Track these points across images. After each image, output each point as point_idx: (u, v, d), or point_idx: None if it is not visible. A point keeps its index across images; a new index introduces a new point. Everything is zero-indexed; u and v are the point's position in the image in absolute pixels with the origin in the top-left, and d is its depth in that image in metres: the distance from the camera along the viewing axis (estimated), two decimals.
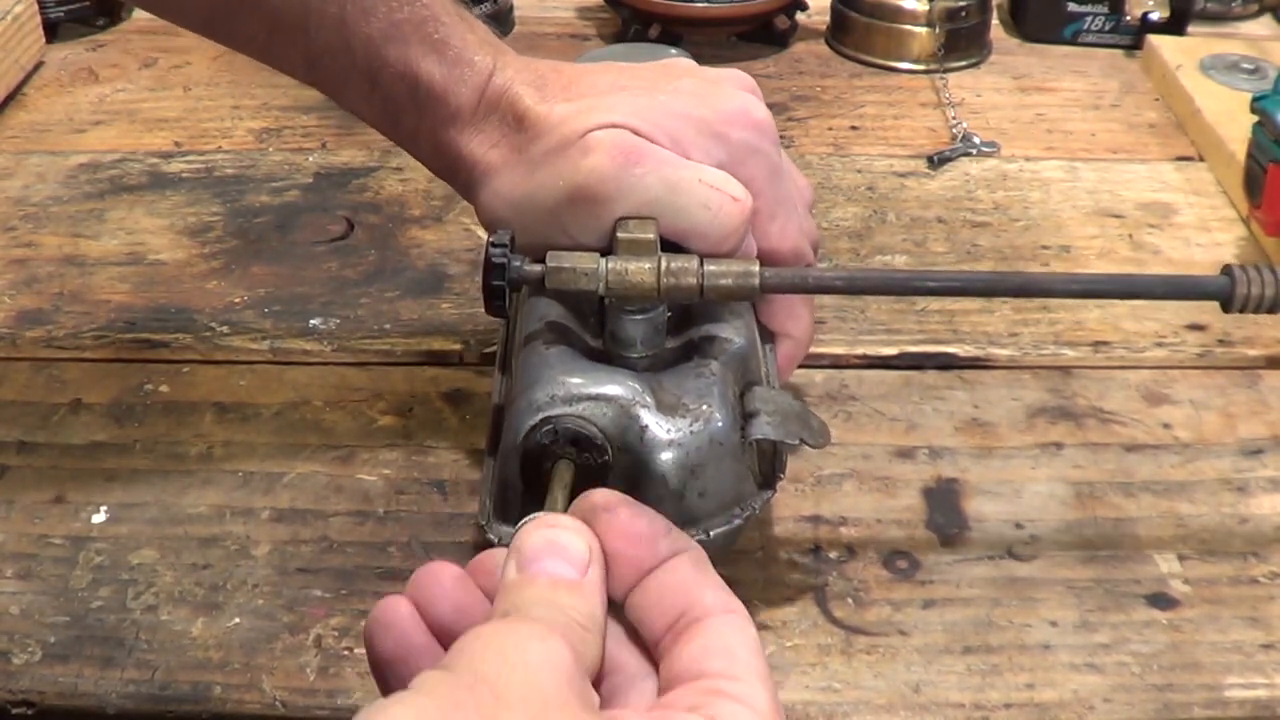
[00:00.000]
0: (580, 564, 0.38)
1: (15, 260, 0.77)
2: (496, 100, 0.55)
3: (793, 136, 0.91)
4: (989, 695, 0.51)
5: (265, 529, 0.59)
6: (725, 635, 0.37)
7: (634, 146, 0.52)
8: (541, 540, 0.38)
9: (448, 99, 0.55)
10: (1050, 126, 0.93)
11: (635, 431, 0.48)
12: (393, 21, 0.55)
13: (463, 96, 0.55)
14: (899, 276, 0.55)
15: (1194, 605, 0.55)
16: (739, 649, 0.36)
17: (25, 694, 0.51)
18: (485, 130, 0.56)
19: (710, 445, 0.49)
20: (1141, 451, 0.64)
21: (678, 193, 0.52)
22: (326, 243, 0.79)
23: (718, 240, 0.52)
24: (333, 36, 0.55)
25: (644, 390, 0.49)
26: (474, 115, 0.56)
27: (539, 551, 0.38)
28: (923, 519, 0.60)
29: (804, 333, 0.59)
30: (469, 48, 0.56)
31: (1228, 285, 0.51)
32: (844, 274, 0.50)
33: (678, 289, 0.50)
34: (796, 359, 0.60)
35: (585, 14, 1.09)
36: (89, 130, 0.91)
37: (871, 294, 0.52)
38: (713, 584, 0.38)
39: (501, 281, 0.50)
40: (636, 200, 0.52)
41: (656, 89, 0.55)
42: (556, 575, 0.37)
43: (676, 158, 0.52)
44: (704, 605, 0.37)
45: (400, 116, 0.57)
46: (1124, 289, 0.53)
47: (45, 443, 0.63)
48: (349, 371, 0.68)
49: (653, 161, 0.52)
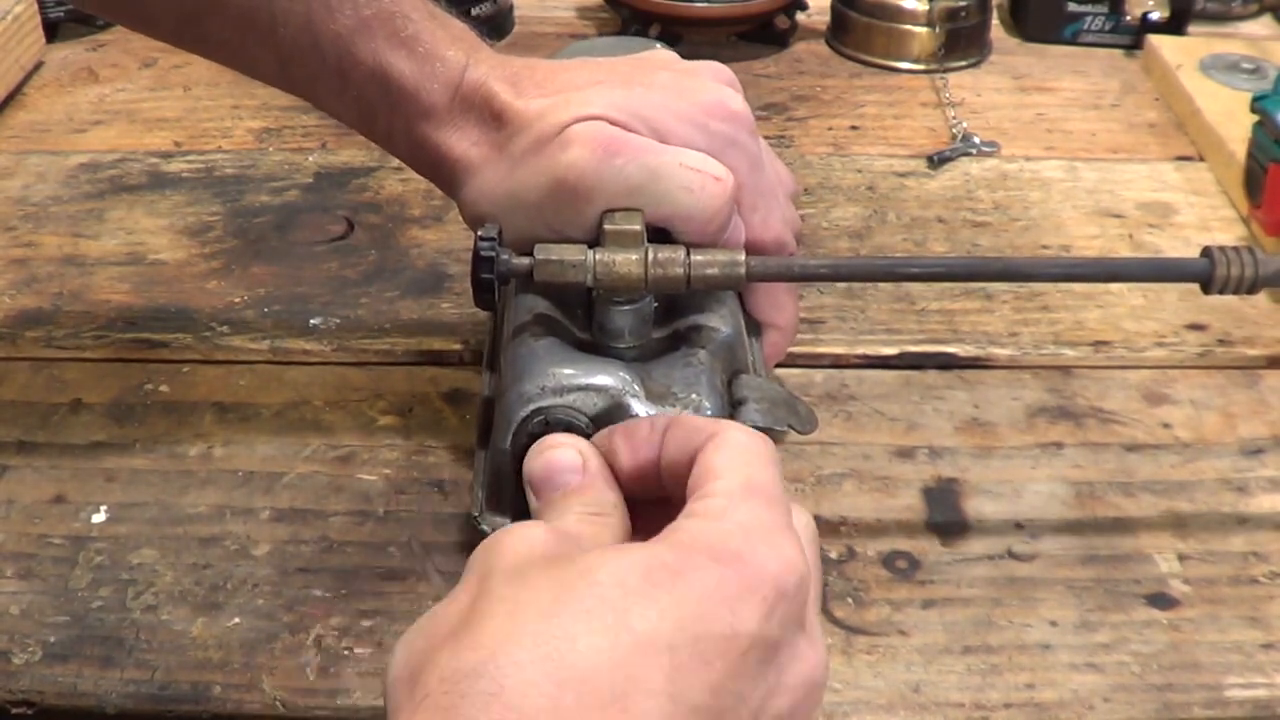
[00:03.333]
0: (576, 468, 0.44)
1: (15, 260, 0.77)
2: (472, 96, 0.55)
3: (793, 136, 0.91)
4: (989, 695, 0.51)
5: (265, 529, 0.59)
6: (706, 460, 0.41)
7: (613, 137, 0.52)
8: (541, 466, 0.45)
9: (420, 96, 0.55)
10: (1050, 126, 0.93)
11: (624, 421, 0.49)
12: (360, 19, 0.54)
13: (435, 93, 0.55)
14: (882, 262, 0.55)
15: (1194, 605, 0.55)
16: (715, 465, 0.40)
17: (25, 694, 0.51)
18: (463, 127, 0.55)
19: None
20: (1141, 451, 0.64)
21: (659, 178, 0.52)
22: (326, 243, 0.79)
23: (703, 222, 0.52)
24: (301, 35, 0.55)
25: (633, 380, 0.50)
26: (449, 112, 0.55)
27: (542, 474, 0.45)
28: (923, 519, 0.60)
29: (789, 322, 0.60)
30: (440, 44, 0.55)
31: (1207, 267, 0.51)
32: (829, 261, 0.50)
33: (664, 279, 0.50)
34: (783, 348, 0.61)
35: (585, 14, 1.09)
36: (89, 130, 0.91)
37: (855, 280, 0.52)
38: (701, 423, 0.43)
39: (490, 274, 0.51)
40: (618, 190, 0.52)
41: (633, 81, 0.55)
42: (562, 485, 0.44)
43: (655, 144, 0.52)
44: (697, 443, 0.42)
45: (375, 115, 0.57)
46: (1105, 272, 0.53)
47: (45, 443, 0.63)
48: (349, 371, 0.68)
49: (632, 150, 0.52)
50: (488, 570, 0.38)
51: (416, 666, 0.36)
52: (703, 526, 0.38)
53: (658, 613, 0.35)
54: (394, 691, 0.36)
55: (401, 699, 0.35)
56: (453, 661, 0.34)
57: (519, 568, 0.37)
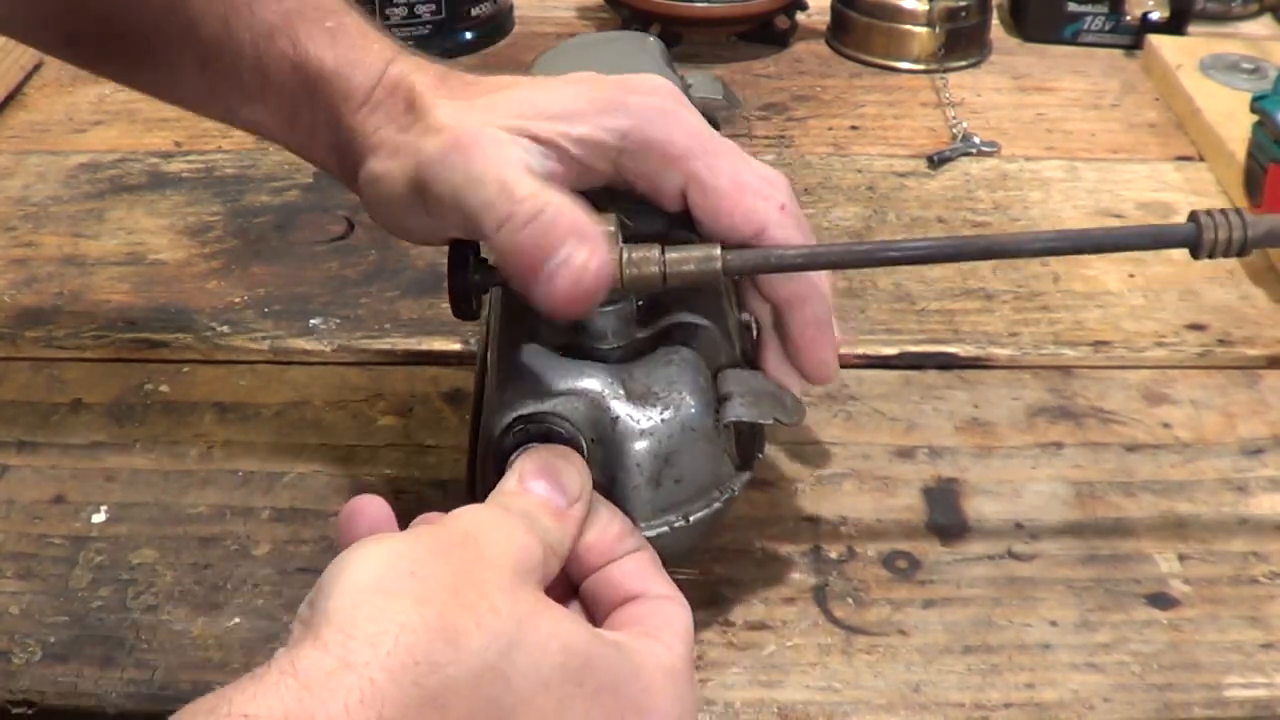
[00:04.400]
0: (571, 496, 0.44)
1: (15, 260, 0.77)
2: (394, 87, 0.52)
3: (793, 136, 0.91)
4: (989, 695, 0.51)
5: (265, 529, 0.59)
6: (667, 611, 0.42)
7: (466, 133, 0.48)
8: (543, 464, 0.44)
9: (340, 80, 0.52)
10: (1050, 126, 0.93)
11: (607, 423, 0.49)
12: (281, 12, 0.53)
13: (356, 80, 0.52)
14: (861, 248, 0.54)
15: (1194, 605, 0.55)
16: (675, 623, 0.42)
17: (25, 694, 0.51)
18: (379, 112, 0.52)
19: (683, 432, 0.49)
20: (1141, 451, 0.64)
21: (477, 187, 0.47)
22: (326, 243, 0.79)
23: (499, 250, 0.47)
24: (220, 32, 0.53)
25: (614, 382, 0.49)
26: (369, 97, 0.52)
27: (538, 472, 0.44)
28: (923, 519, 0.60)
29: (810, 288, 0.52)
30: (365, 36, 0.53)
31: (1194, 231, 0.50)
32: (804, 251, 0.49)
33: (640, 279, 0.49)
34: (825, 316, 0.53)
35: (585, 14, 1.09)
36: (89, 130, 0.91)
37: (834, 268, 0.51)
38: (664, 579, 0.44)
39: (463, 282, 0.51)
40: (443, 190, 0.48)
41: (555, 81, 0.52)
42: (547, 498, 0.43)
43: (502, 157, 0.48)
44: (653, 592, 0.43)
45: (296, 111, 0.54)
46: (1090, 242, 0.52)
47: (45, 443, 0.63)
48: (349, 371, 0.68)
49: (472, 152, 0.48)
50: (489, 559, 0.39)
51: (391, 590, 0.37)
52: (656, 671, 0.41)
53: None
54: (356, 596, 0.37)
55: (360, 615, 0.36)
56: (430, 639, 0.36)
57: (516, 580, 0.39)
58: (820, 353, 0.53)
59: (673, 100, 0.51)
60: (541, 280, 0.45)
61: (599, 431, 0.49)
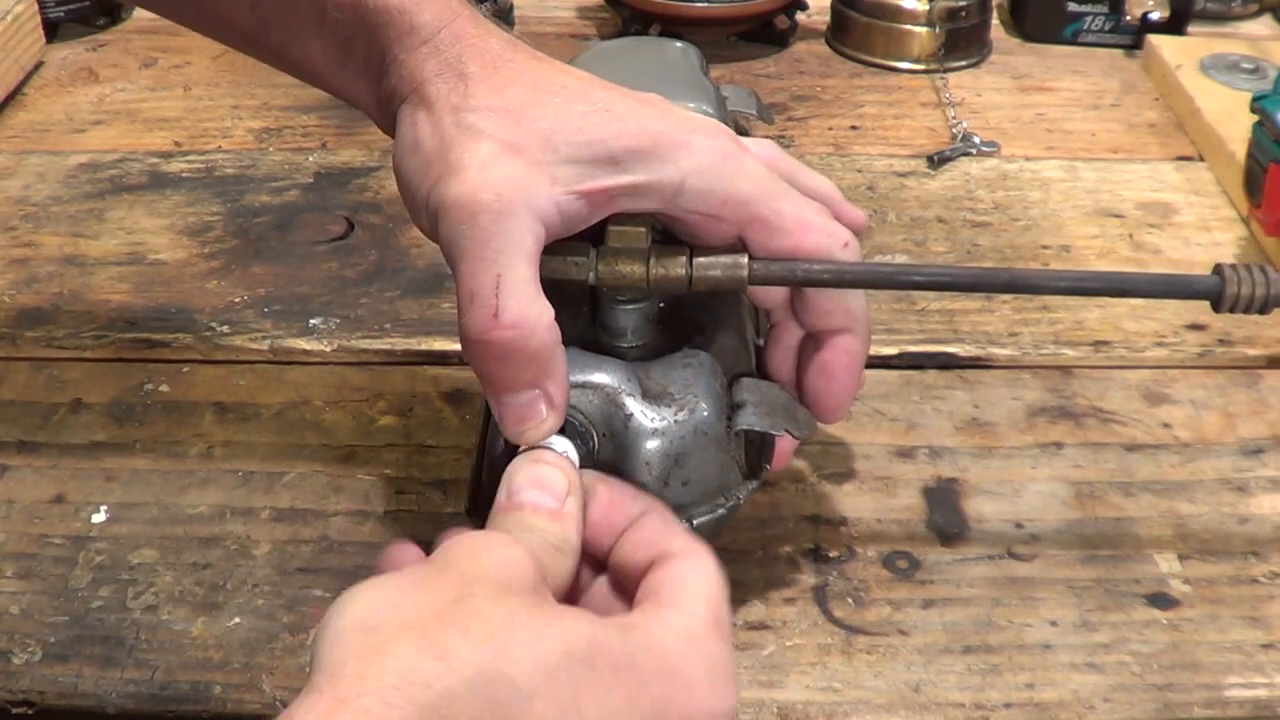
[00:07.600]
0: (559, 495, 0.44)
1: (15, 260, 0.77)
2: (456, 40, 0.49)
3: (793, 136, 0.91)
4: (989, 695, 0.51)
5: (265, 529, 0.59)
6: (681, 572, 0.42)
7: (489, 211, 0.46)
8: (528, 473, 0.45)
9: (403, 17, 0.49)
10: (1050, 126, 0.93)
11: (620, 419, 0.49)
12: None
13: (422, 18, 0.49)
14: (885, 269, 0.55)
15: (1194, 605, 0.55)
16: (689, 584, 0.41)
17: (25, 694, 0.51)
18: (436, 59, 0.49)
19: (695, 435, 0.49)
20: (1141, 451, 0.64)
21: (471, 274, 0.47)
22: (326, 243, 0.79)
23: (464, 341, 0.48)
24: None
25: (630, 378, 0.50)
26: (434, 36, 0.49)
27: (525, 482, 0.45)
28: (923, 519, 0.60)
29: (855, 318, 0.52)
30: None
31: (1218, 285, 0.50)
32: (831, 266, 0.50)
33: (667, 280, 0.50)
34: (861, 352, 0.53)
35: (585, 14, 1.09)
36: (89, 130, 0.91)
37: (859, 287, 0.51)
38: (677, 533, 0.44)
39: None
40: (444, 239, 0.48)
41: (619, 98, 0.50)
42: (538, 503, 0.44)
43: (514, 248, 0.47)
44: (671, 550, 0.42)
45: (350, 49, 0.51)
46: (1113, 286, 0.53)
47: (45, 443, 0.63)
48: (349, 371, 0.68)
49: (488, 232, 0.46)
50: (473, 577, 0.39)
51: (375, 625, 0.37)
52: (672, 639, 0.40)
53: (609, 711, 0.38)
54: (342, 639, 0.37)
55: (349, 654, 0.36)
56: (416, 658, 0.35)
57: (502, 590, 0.39)
58: (842, 396, 0.53)
59: (735, 146, 0.50)
60: (496, 404, 0.48)
61: (611, 427, 0.49)
